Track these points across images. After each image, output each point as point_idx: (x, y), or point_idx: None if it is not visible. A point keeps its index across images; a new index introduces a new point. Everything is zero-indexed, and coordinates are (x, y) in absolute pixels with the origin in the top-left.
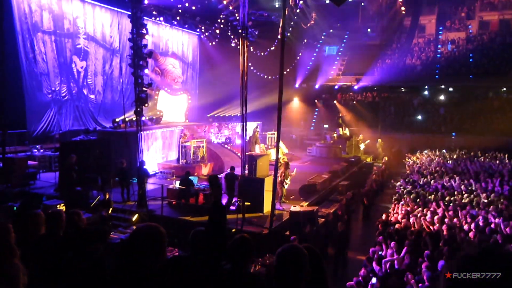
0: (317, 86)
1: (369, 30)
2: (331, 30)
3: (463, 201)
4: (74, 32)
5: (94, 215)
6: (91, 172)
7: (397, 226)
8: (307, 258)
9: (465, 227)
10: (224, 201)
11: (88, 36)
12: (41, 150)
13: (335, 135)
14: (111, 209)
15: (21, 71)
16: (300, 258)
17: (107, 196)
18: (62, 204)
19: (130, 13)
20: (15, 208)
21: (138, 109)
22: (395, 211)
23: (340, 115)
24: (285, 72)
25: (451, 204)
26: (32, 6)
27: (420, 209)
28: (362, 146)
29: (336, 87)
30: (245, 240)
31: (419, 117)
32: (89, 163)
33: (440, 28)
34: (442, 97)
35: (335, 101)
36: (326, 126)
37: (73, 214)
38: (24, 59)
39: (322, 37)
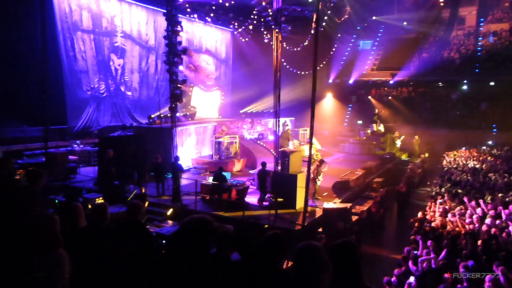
0: (351, 81)
1: (405, 23)
2: (365, 24)
3: (506, 199)
4: (111, 30)
5: None
6: (128, 167)
7: (433, 224)
8: (322, 254)
9: (511, 227)
10: (256, 197)
11: (125, 34)
12: (81, 145)
13: (369, 131)
14: (147, 203)
15: (62, 68)
16: (314, 255)
17: (143, 190)
18: (101, 198)
19: (165, 11)
20: (56, 201)
21: (173, 105)
22: (431, 209)
23: (376, 112)
24: (318, 68)
25: (492, 203)
26: (72, 5)
27: (458, 207)
28: (398, 143)
29: (370, 82)
30: (278, 236)
31: (457, 112)
32: (126, 158)
33: (481, 19)
34: (482, 92)
35: (369, 97)
36: (360, 122)
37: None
38: (65, 57)
39: (357, 31)
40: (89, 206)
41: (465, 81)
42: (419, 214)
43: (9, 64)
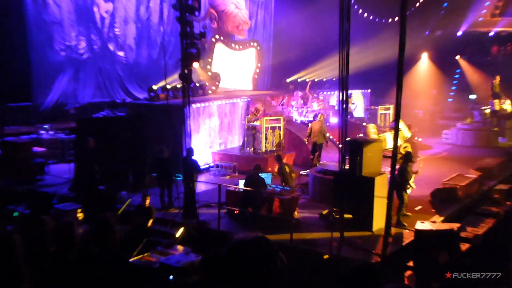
0: (459, 34)
1: None
2: None
3: None
4: None
5: (124, 226)
6: (119, 164)
7: None
8: None
9: None
10: (313, 212)
11: None
12: (51, 132)
13: (487, 111)
14: (151, 220)
15: (25, 19)
16: None
17: (147, 202)
18: (79, 210)
19: None
20: (16, 213)
21: (186, 71)
22: None
23: (497, 80)
24: (408, 12)
25: None
26: None
27: None
28: None
29: (491, 34)
30: (368, 271)
31: None
32: (116, 151)
33: None
34: None
35: (488, 58)
36: (472, 97)
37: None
38: (30, 3)
39: None
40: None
41: None
42: None
43: None
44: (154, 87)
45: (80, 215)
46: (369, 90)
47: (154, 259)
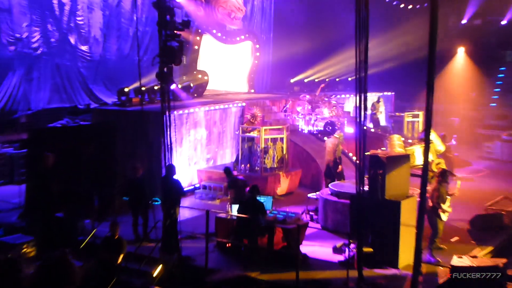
0: (504, 22)
1: None
2: None
3: None
4: None
5: (87, 263)
6: (83, 185)
7: None
8: None
9: None
10: (324, 244)
11: None
12: None
13: None
14: (122, 255)
15: None
16: None
17: (117, 232)
18: (31, 242)
19: None
20: None
21: (165, 69)
22: None
23: None
24: None
25: None
26: None
27: None
28: None
29: None
30: None
31: None
32: (79, 168)
33: None
34: None
35: None
36: None
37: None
38: None
39: None
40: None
41: None
42: None
43: None
44: (126, 89)
45: (31, 250)
46: (392, 93)
47: None
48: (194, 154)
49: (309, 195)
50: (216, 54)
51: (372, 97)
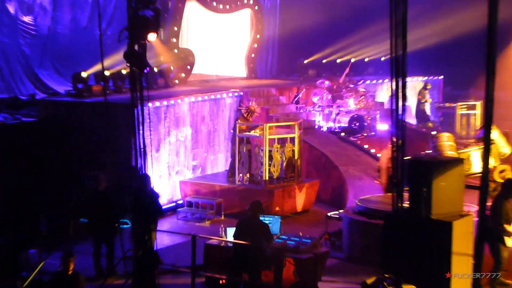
0: None
1: None
2: None
3: None
4: None
5: None
6: (26, 203)
7: None
8: None
9: None
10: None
11: None
12: None
13: None
14: None
15: None
16: None
17: (71, 266)
18: None
19: None
20: None
21: (136, 47)
22: None
23: None
24: None
25: None
26: None
27: None
28: None
29: None
30: None
31: None
32: (22, 180)
33: None
34: None
35: None
36: None
37: None
38: None
39: None
40: None
41: None
42: None
43: None
44: (84, 74)
45: None
46: (441, 77)
47: None
48: (176, 161)
49: (329, 214)
50: (204, 27)
51: (413, 82)
